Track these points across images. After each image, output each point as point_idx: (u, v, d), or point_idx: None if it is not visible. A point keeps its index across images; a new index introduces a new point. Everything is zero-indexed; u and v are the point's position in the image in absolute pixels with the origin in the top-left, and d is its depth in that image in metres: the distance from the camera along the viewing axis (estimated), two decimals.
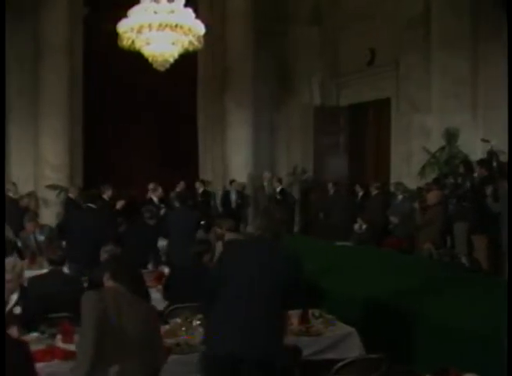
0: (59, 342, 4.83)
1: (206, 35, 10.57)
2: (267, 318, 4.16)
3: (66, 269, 6.80)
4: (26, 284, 5.73)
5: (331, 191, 14.53)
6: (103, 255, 7.53)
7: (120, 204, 12.12)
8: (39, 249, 9.62)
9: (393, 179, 14.26)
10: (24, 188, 13.21)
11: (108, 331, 3.80)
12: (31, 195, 13.09)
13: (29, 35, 14.60)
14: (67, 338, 4.80)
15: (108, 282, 4.06)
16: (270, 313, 4.18)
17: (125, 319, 3.86)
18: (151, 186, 13.05)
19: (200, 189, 14.94)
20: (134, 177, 14.71)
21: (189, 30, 10.43)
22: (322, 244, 11.46)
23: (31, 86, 14.51)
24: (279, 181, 15.46)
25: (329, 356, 5.14)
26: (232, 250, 4.66)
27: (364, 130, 16.67)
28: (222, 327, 4.18)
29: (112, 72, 15.43)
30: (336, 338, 5.37)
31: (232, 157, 16.16)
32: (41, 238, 10.15)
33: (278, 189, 15.23)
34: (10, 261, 5.52)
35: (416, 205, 11.75)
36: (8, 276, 5.26)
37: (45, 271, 6.45)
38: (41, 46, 14.35)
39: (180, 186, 14.31)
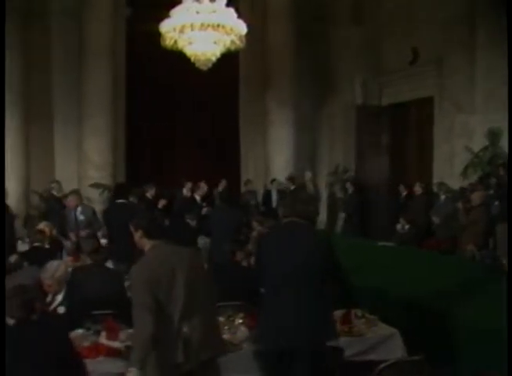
0: (103, 339, 4.89)
1: (247, 35, 10.58)
2: (316, 304, 4.21)
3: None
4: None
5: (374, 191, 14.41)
6: None
7: (162, 203, 12.23)
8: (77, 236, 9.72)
9: (435, 179, 14.09)
10: (68, 187, 13.39)
11: (164, 290, 3.84)
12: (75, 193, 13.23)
13: (73, 36, 14.77)
14: (112, 335, 4.84)
15: (142, 241, 4.07)
16: (318, 299, 4.23)
17: (177, 270, 3.93)
18: (188, 185, 13.17)
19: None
20: (176, 176, 14.76)
21: (231, 29, 10.48)
22: (364, 243, 11.39)
23: (75, 87, 14.67)
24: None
25: (371, 356, 5.11)
26: (271, 239, 4.70)
27: (406, 129, 16.49)
28: (275, 320, 4.23)
29: (154, 72, 15.53)
30: (378, 338, 5.33)
31: (274, 156, 16.14)
32: (81, 218, 10.19)
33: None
34: (52, 266, 5.52)
35: (459, 206, 11.58)
36: (48, 282, 5.33)
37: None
38: (84, 47, 14.49)
39: (222, 185, 14.36)
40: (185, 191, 13.09)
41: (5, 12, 12.75)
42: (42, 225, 8.70)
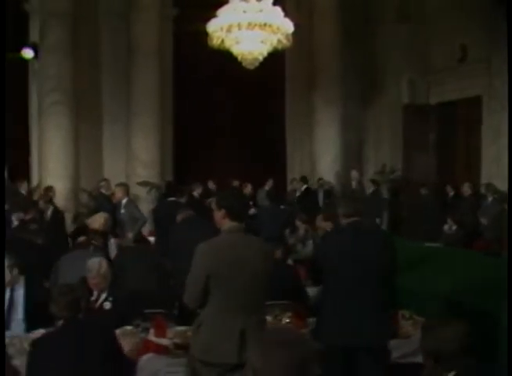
0: (151, 336, 4.94)
1: (294, 33, 10.57)
2: (379, 304, 4.24)
3: None
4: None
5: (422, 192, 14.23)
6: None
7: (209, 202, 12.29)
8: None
9: (483, 180, 13.91)
10: None
11: (225, 275, 3.88)
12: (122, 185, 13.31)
13: (121, 37, 14.97)
14: (160, 332, 4.89)
15: (223, 221, 4.10)
16: (380, 298, 4.26)
17: (244, 259, 3.93)
18: (235, 184, 13.22)
19: (303, 187, 14.83)
20: (222, 175, 14.83)
21: (278, 28, 10.49)
22: (411, 244, 11.27)
23: (123, 86, 14.88)
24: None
25: (418, 359, 5.06)
26: (335, 239, 4.72)
27: (454, 129, 16.29)
28: (340, 318, 4.26)
29: (201, 71, 15.63)
30: None
31: (320, 155, 16.12)
32: (123, 211, 10.20)
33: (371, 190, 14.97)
34: (95, 263, 5.54)
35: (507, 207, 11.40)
36: (94, 280, 5.39)
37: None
38: (132, 47, 14.67)
39: (269, 184, 14.38)
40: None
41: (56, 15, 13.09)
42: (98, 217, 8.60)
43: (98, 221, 7.80)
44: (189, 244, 4.42)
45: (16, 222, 8.77)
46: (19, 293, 5.36)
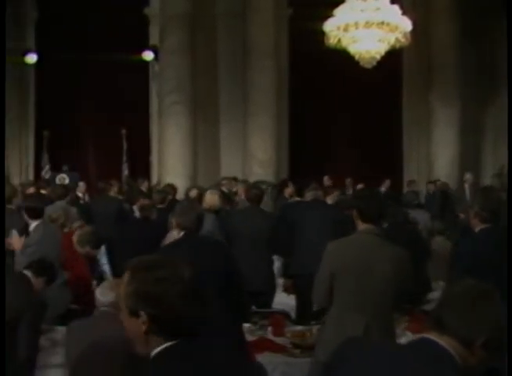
0: (269, 334, 4.96)
1: (411, 32, 10.39)
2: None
3: None
4: None
5: None
6: None
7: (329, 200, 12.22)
8: None
9: None
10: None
11: (352, 275, 3.84)
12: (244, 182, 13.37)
13: (238, 37, 15.18)
14: (278, 331, 4.90)
15: (356, 221, 4.04)
16: None
17: (374, 262, 3.85)
18: (348, 181, 13.12)
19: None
20: (338, 174, 14.75)
21: (396, 27, 10.36)
22: None
23: (240, 86, 15.07)
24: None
25: None
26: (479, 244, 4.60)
27: None
28: None
29: (317, 71, 15.59)
30: None
31: (437, 156, 15.75)
32: None
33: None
34: None
35: None
36: None
37: None
38: (248, 47, 14.83)
39: (386, 185, 14.18)
40: (348, 190, 13.06)
41: (175, 18, 13.41)
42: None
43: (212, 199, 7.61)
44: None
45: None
46: None
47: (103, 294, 3.69)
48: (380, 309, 3.85)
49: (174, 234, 4.46)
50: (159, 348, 1.84)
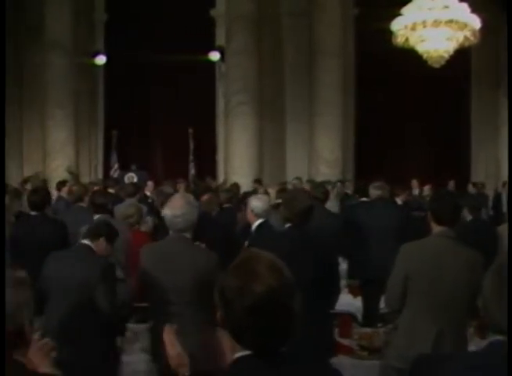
0: (336, 335, 4.95)
1: (480, 30, 10.22)
2: None
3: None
4: None
5: None
6: None
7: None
8: None
9: None
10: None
11: (424, 277, 3.79)
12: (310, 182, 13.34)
13: (303, 37, 15.19)
14: (345, 332, 4.89)
15: (431, 224, 3.97)
16: None
17: (448, 266, 3.78)
18: (414, 182, 12.96)
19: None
20: (403, 175, 14.60)
21: (465, 25, 10.20)
22: None
23: (306, 86, 15.07)
24: None
25: None
26: None
27: None
28: None
29: (383, 70, 15.44)
30: None
31: (505, 157, 15.38)
32: None
33: None
34: None
35: None
36: None
37: None
38: (314, 47, 14.81)
39: (450, 186, 13.95)
40: (414, 191, 12.91)
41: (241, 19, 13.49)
42: None
43: None
44: None
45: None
46: None
47: None
48: (453, 313, 3.78)
49: None
50: (236, 355, 1.81)
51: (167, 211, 3.99)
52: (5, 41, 14.03)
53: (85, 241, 4.26)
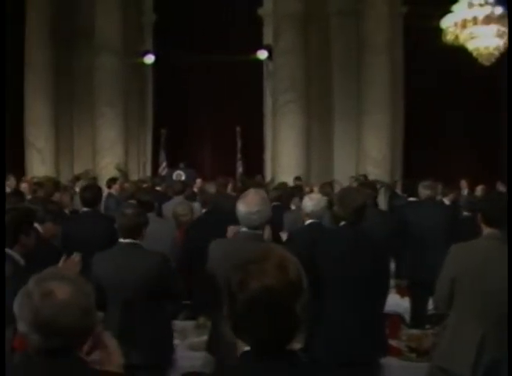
0: None
1: None
2: None
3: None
4: None
5: None
6: None
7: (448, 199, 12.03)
8: None
9: None
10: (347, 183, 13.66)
11: (470, 278, 3.75)
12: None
13: (351, 35, 15.15)
14: (394, 333, 4.86)
15: (481, 225, 3.92)
16: None
17: (493, 267, 3.72)
18: (462, 182, 12.81)
19: None
20: (452, 175, 14.42)
21: None
22: None
23: (354, 84, 14.99)
24: None
25: None
26: None
27: None
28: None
29: (432, 68, 15.26)
30: None
31: None
32: None
33: None
34: None
35: None
36: None
37: None
38: (363, 45, 14.74)
39: (498, 187, 13.68)
40: (463, 191, 12.75)
41: (288, 17, 13.49)
42: None
43: None
44: None
45: None
46: None
47: None
48: (498, 317, 3.74)
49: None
50: (242, 350, 1.82)
51: (241, 208, 3.90)
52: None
53: (128, 240, 4.31)
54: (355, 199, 4.21)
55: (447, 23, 10.28)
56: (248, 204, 3.89)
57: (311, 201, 5.53)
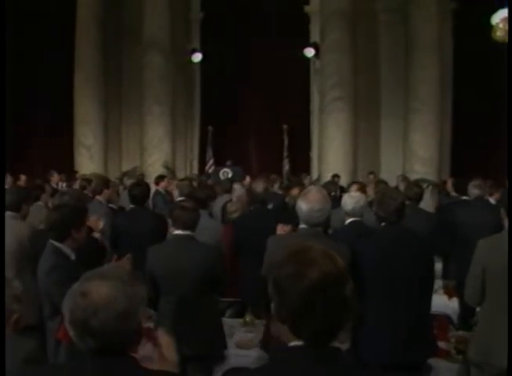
0: None
1: None
2: None
3: None
4: None
5: None
6: None
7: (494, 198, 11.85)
8: None
9: None
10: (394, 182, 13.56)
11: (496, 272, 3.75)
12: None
13: (399, 33, 15.01)
14: (442, 335, 4.79)
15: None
16: None
17: None
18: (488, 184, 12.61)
19: None
20: (499, 174, 14.17)
21: None
22: None
23: (402, 82, 14.83)
24: None
25: None
26: None
27: None
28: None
29: (483, 65, 14.99)
30: None
31: None
32: None
33: None
34: None
35: None
36: None
37: None
38: (411, 43, 14.57)
39: None
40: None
41: (335, 15, 13.42)
42: None
43: None
44: None
45: None
46: None
47: None
48: None
49: None
50: (289, 345, 1.81)
51: (303, 205, 3.93)
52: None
53: (186, 231, 4.41)
54: (394, 198, 4.19)
55: (497, 19, 10.13)
56: (310, 202, 3.92)
57: (352, 199, 5.49)
